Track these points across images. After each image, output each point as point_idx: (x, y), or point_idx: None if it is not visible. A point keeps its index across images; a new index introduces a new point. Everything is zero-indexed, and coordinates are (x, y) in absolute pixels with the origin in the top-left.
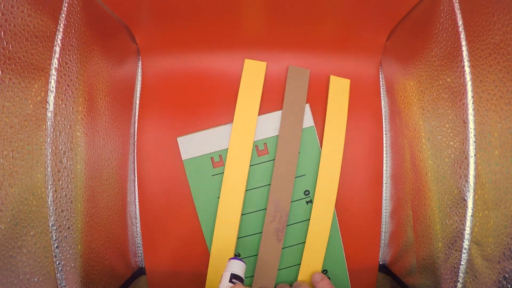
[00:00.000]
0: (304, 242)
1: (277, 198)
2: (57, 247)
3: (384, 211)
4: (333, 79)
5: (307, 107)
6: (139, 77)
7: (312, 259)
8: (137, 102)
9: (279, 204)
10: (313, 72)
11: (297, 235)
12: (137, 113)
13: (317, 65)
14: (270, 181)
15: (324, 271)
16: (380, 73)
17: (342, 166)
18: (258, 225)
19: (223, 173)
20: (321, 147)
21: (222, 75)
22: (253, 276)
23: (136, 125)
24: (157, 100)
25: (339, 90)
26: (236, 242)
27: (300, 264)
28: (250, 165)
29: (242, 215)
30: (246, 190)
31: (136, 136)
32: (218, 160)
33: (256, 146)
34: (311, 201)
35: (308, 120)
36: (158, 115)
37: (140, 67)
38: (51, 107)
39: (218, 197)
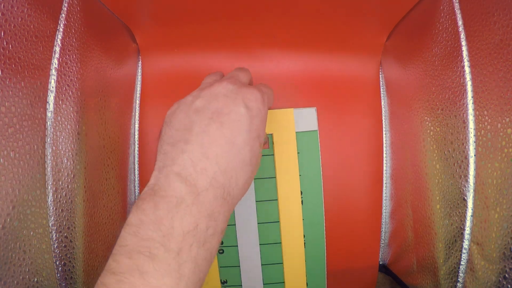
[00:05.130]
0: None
1: None
2: (57, 247)
3: (384, 211)
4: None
5: (313, 111)
6: (139, 77)
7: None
8: (137, 102)
9: None
10: (313, 72)
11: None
12: (137, 113)
13: (317, 65)
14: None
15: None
16: (380, 73)
17: (343, 166)
18: None
19: None
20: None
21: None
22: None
23: (136, 125)
24: (158, 100)
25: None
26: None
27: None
28: None
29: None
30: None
31: (136, 136)
32: None
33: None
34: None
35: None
36: (158, 114)
37: (140, 67)
38: (51, 107)
39: None
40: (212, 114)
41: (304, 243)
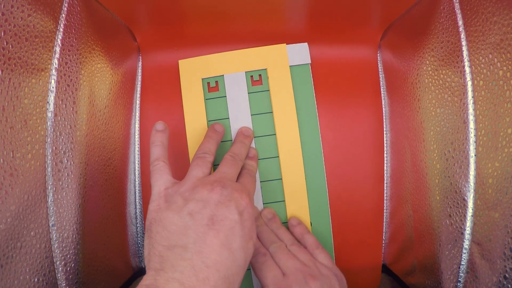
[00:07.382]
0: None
1: None
2: (57, 247)
3: (385, 210)
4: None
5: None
6: (139, 77)
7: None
8: (138, 102)
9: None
10: (312, 70)
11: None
12: (137, 113)
13: (316, 63)
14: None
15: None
16: (380, 73)
17: (344, 166)
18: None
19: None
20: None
21: None
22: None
23: (137, 125)
24: (158, 99)
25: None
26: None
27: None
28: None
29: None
30: None
31: (137, 136)
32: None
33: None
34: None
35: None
36: (159, 114)
37: (140, 67)
38: (51, 107)
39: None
40: (208, 221)
41: (305, 177)
